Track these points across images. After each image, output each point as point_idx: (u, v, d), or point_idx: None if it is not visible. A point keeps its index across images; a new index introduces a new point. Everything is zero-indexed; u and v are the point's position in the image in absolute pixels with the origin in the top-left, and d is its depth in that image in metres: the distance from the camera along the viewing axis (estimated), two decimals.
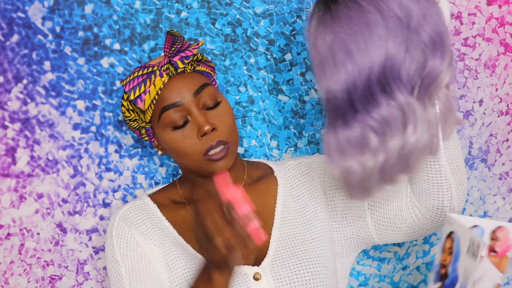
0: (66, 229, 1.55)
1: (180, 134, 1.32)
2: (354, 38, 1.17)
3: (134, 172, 1.57)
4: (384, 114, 1.17)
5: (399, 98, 1.17)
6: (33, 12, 1.50)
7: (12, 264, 1.54)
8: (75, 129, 1.54)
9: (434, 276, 1.15)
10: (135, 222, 1.35)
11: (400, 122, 1.18)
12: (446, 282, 1.14)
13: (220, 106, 1.34)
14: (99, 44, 1.53)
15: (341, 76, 1.18)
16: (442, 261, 1.15)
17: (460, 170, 1.32)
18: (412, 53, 1.17)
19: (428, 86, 1.19)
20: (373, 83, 1.17)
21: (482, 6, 1.61)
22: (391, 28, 1.17)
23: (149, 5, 1.53)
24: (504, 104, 1.65)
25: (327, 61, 1.19)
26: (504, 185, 1.68)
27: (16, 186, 1.52)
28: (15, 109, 1.51)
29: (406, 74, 1.18)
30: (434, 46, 1.19)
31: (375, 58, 1.16)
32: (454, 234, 1.14)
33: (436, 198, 1.31)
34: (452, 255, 1.14)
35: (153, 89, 1.31)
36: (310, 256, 1.32)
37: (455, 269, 1.13)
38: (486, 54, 1.62)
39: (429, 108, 1.20)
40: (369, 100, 1.18)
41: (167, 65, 1.33)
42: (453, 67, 1.21)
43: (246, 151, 1.59)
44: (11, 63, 1.50)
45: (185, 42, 1.37)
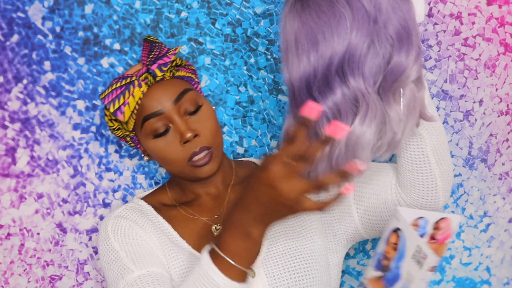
0: (66, 229, 1.55)
1: (163, 142, 1.32)
2: (321, 28, 1.18)
3: (134, 172, 1.57)
4: (337, 101, 1.18)
5: (353, 86, 1.17)
6: (33, 12, 1.50)
7: (12, 264, 1.54)
8: (75, 129, 1.54)
9: (375, 264, 1.16)
10: (131, 218, 1.34)
11: (351, 111, 1.18)
12: (388, 275, 1.15)
13: (201, 111, 1.34)
14: (99, 44, 1.53)
15: (302, 64, 1.19)
16: (385, 253, 1.16)
17: (445, 161, 1.32)
18: (376, 48, 1.17)
19: (393, 82, 1.19)
20: (332, 73, 1.18)
21: (482, 6, 1.61)
22: (358, 20, 1.17)
23: (149, 5, 1.53)
24: (504, 104, 1.65)
25: (291, 48, 1.20)
26: (504, 185, 1.68)
27: (16, 186, 1.52)
28: (15, 109, 1.51)
29: (368, 68, 1.18)
30: (401, 42, 1.18)
31: (337, 49, 1.17)
32: (401, 232, 1.15)
33: (421, 189, 1.32)
34: (396, 251, 1.15)
35: (132, 100, 1.31)
36: (302, 253, 1.33)
37: (398, 267, 1.14)
38: (486, 54, 1.62)
39: (393, 104, 1.20)
40: (326, 88, 1.18)
41: (145, 74, 1.32)
42: (419, 63, 1.20)
43: (246, 151, 1.59)
44: (11, 63, 1.50)
45: (164, 48, 1.36)
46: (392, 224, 1.16)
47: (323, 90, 1.19)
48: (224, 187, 1.40)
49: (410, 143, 1.30)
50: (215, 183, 1.39)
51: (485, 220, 1.69)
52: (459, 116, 1.64)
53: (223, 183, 1.40)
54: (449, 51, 1.61)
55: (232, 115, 1.58)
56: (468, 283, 1.71)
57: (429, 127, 1.29)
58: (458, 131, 1.64)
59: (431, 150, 1.30)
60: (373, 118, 1.18)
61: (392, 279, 1.15)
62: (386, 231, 1.17)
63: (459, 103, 1.63)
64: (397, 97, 1.20)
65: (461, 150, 1.65)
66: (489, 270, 1.71)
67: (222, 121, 1.58)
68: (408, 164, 1.31)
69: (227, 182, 1.40)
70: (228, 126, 1.58)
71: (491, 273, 1.71)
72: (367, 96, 1.17)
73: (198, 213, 1.38)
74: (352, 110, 1.19)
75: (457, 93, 1.63)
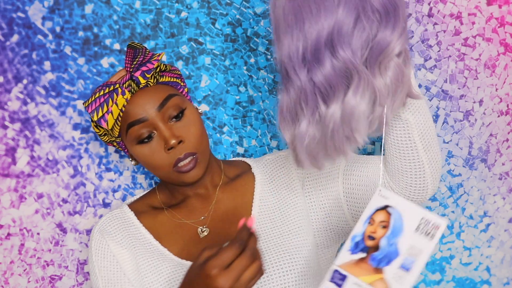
0: (66, 229, 1.55)
1: (148, 148, 1.33)
2: (307, 3, 1.18)
3: (134, 172, 1.57)
4: (327, 74, 1.18)
5: (344, 58, 1.17)
6: (33, 12, 1.50)
7: (12, 264, 1.54)
8: (75, 129, 1.54)
9: (351, 247, 1.16)
10: (111, 232, 1.38)
11: (342, 84, 1.18)
12: (376, 254, 1.14)
13: (185, 116, 1.34)
14: (99, 44, 1.53)
15: (291, 40, 1.19)
16: (370, 232, 1.16)
17: (432, 147, 1.32)
18: (363, 22, 1.18)
19: (378, 55, 1.19)
20: (321, 48, 1.18)
21: (482, 6, 1.61)
22: None
23: (149, 5, 1.53)
24: (504, 104, 1.65)
25: (280, 25, 1.21)
26: (504, 185, 1.68)
27: (16, 186, 1.52)
28: (15, 109, 1.51)
29: (355, 42, 1.18)
30: (387, 15, 1.19)
31: (324, 24, 1.17)
32: (392, 208, 1.14)
33: (409, 176, 1.31)
34: (386, 228, 1.14)
35: (116, 109, 1.31)
36: (288, 248, 1.33)
37: (392, 244, 1.13)
38: (486, 54, 1.62)
39: (378, 77, 1.20)
40: (316, 63, 1.18)
41: (129, 82, 1.32)
42: (405, 37, 1.20)
43: (246, 151, 1.59)
44: (11, 63, 1.50)
45: (148, 54, 1.36)
46: (374, 203, 1.15)
47: (313, 65, 1.19)
48: (212, 188, 1.41)
49: (396, 128, 1.29)
50: (203, 184, 1.40)
51: (485, 220, 1.69)
52: (459, 116, 1.64)
53: (211, 184, 1.41)
54: (449, 51, 1.61)
55: (232, 115, 1.58)
56: (468, 283, 1.71)
57: (415, 112, 1.29)
58: (458, 131, 1.64)
59: (418, 136, 1.30)
60: (366, 89, 1.18)
61: (385, 257, 1.14)
62: (365, 212, 1.16)
63: (459, 103, 1.63)
64: (382, 70, 1.20)
65: (461, 150, 1.65)
66: (489, 270, 1.71)
67: (222, 121, 1.58)
68: (395, 151, 1.31)
69: (216, 183, 1.41)
70: (228, 126, 1.58)
71: (491, 273, 1.71)
72: (358, 67, 1.17)
73: (186, 215, 1.40)
74: (344, 83, 1.19)
75: (457, 93, 1.63)
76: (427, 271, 1.69)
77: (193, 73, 1.57)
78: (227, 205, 1.40)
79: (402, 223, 1.14)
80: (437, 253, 1.68)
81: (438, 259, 1.69)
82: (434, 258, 1.69)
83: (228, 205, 1.40)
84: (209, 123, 1.58)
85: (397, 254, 1.13)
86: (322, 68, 1.18)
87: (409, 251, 1.13)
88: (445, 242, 1.68)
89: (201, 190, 1.41)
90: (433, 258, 1.68)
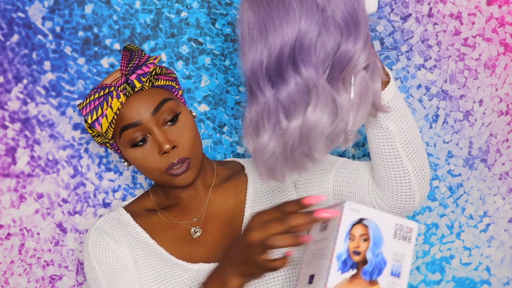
0: (66, 229, 1.55)
1: (141, 151, 1.33)
2: (271, 17, 1.18)
3: (134, 172, 1.57)
4: (290, 91, 1.18)
5: (304, 75, 1.17)
6: (33, 12, 1.50)
7: (12, 264, 1.54)
8: (75, 129, 1.54)
9: (339, 266, 1.16)
10: (108, 231, 1.38)
11: (303, 101, 1.18)
12: (366, 268, 1.15)
13: (180, 120, 1.34)
14: (99, 44, 1.53)
15: (254, 54, 1.19)
16: (354, 248, 1.16)
17: (417, 155, 1.31)
18: (324, 36, 1.17)
19: (341, 70, 1.19)
20: (284, 62, 1.18)
21: (482, 6, 1.61)
22: (307, 10, 1.17)
23: (149, 5, 1.53)
24: (504, 104, 1.65)
25: (245, 38, 1.21)
26: (504, 185, 1.68)
27: (16, 186, 1.52)
28: (15, 109, 1.51)
29: (317, 56, 1.18)
30: (348, 30, 1.18)
31: (286, 38, 1.17)
32: (367, 220, 1.15)
33: (394, 184, 1.31)
34: (368, 241, 1.15)
35: (110, 112, 1.31)
36: (280, 249, 1.33)
37: (378, 254, 1.15)
38: (486, 54, 1.62)
39: (342, 92, 1.20)
40: (279, 79, 1.18)
41: (124, 85, 1.32)
42: (368, 50, 1.20)
43: (246, 151, 1.59)
44: (11, 63, 1.50)
45: (144, 56, 1.36)
46: (347, 219, 1.15)
47: (276, 81, 1.19)
48: (204, 189, 1.41)
49: (377, 137, 1.29)
50: (195, 186, 1.40)
51: (485, 220, 1.69)
52: (459, 116, 1.64)
53: (203, 185, 1.41)
54: (449, 51, 1.61)
55: (232, 115, 1.58)
56: (468, 283, 1.71)
57: (397, 120, 1.28)
58: (458, 131, 1.64)
59: (401, 144, 1.29)
60: (324, 107, 1.18)
61: (375, 268, 1.15)
62: (341, 229, 1.16)
63: (459, 103, 1.63)
64: (347, 85, 1.20)
65: (461, 150, 1.65)
66: (489, 270, 1.71)
67: (222, 121, 1.58)
68: (379, 160, 1.30)
69: (208, 184, 1.42)
70: (228, 126, 1.58)
71: (491, 273, 1.71)
72: (317, 85, 1.17)
73: (179, 216, 1.40)
74: (305, 100, 1.19)
75: (457, 93, 1.63)
76: (427, 271, 1.69)
77: (193, 73, 1.57)
78: (219, 206, 1.40)
79: (381, 233, 1.15)
80: (437, 253, 1.68)
81: (438, 259, 1.69)
82: (434, 258, 1.69)
83: (220, 206, 1.40)
84: (209, 123, 1.58)
85: (385, 263, 1.15)
86: (286, 85, 1.18)
87: (394, 257, 1.15)
88: (445, 242, 1.68)
89: (194, 192, 1.41)
90: (433, 258, 1.68)
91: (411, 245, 1.15)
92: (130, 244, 1.37)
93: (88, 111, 1.32)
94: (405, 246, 1.15)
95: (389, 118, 1.27)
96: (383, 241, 1.16)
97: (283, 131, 1.20)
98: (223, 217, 1.39)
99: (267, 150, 1.21)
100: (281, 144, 1.21)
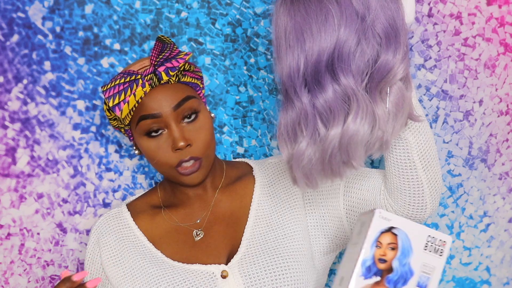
0: (66, 229, 1.55)
1: (155, 143, 1.33)
2: (308, 24, 1.18)
3: (134, 172, 1.57)
4: (328, 99, 1.18)
5: (343, 83, 1.18)
6: (33, 12, 1.50)
7: (12, 264, 1.54)
8: (75, 129, 1.54)
9: (363, 271, 1.16)
10: (105, 237, 1.39)
11: (342, 110, 1.19)
12: (391, 276, 1.15)
13: (198, 120, 1.34)
14: (99, 44, 1.53)
15: (291, 60, 1.19)
16: (380, 256, 1.16)
17: (432, 167, 1.31)
18: (363, 46, 1.18)
19: (379, 80, 1.19)
20: (322, 70, 1.18)
21: (482, 6, 1.61)
22: (346, 18, 1.17)
23: (149, 5, 1.53)
24: (504, 104, 1.65)
25: (281, 44, 1.21)
26: (504, 185, 1.68)
27: (16, 186, 1.52)
28: (15, 109, 1.51)
29: (356, 65, 1.18)
30: (388, 40, 1.19)
31: (325, 45, 1.17)
32: (397, 229, 1.15)
33: (407, 195, 1.31)
34: (396, 250, 1.15)
35: (133, 99, 1.31)
36: (282, 252, 1.33)
37: (406, 264, 1.15)
38: (486, 54, 1.62)
39: (379, 102, 1.20)
40: (317, 86, 1.19)
41: (151, 75, 1.31)
42: (406, 62, 1.21)
43: (246, 151, 1.59)
44: (11, 63, 1.50)
45: (175, 50, 1.35)
46: (377, 226, 1.16)
47: (314, 88, 1.19)
48: (212, 190, 1.41)
49: (396, 147, 1.29)
50: (204, 186, 1.40)
51: (485, 220, 1.69)
52: (459, 116, 1.64)
53: (212, 185, 1.41)
54: (449, 51, 1.61)
55: (232, 115, 1.58)
56: (468, 283, 1.71)
57: (415, 132, 1.29)
58: (458, 131, 1.64)
59: (418, 155, 1.29)
60: (365, 116, 1.19)
61: (400, 277, 1.15)
62: (369, 236, 1.16)
63: (459, 103, 1.63)
64: (383, 95, 1.21)
65: (461, 150, 1.65)
66: (489, 270, 1.71)
67: (222, 121, 1.58)
68: (394, 169, 1.31)
69: (216, 184, 1.41)
70: (228, 126, 1.58)
71: (491, 273, 1.71)
72: (357, 94, 1.18)
73: (183, 217, 1.40)
74: (344, 108, 1.19)
75: (457, 93, 1.63)
76: None
77: None
78: (225, 207, 1.40)
79: (410, 243, 1.15)
80: None
81: None
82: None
83: (226, 207, 1.40)
84: None
85: (412, 273, 1.15)
86: (324, 92, 1.18)
87: (423, 268, 1.15)
88: None
89: (201, 191, 1.41)
90: None
91: (443, 259, 1.14)
92: (125, 249, 1.38)
93: (110, 94, 1.32)
94: (436, 259, 1.14)
95: (408, 130, 1.28)
96: (412, 251, 1.15)
97: (321, 138, 1.20)
98: (227, 219, 1.39)
99: (305, 157, 1.21)
100: (318, 151, 1.21)
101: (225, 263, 1.34)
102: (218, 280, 1.31)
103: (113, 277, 1.37)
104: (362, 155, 1.22)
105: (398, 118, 1.22)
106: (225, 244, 1.36)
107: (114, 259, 1.37)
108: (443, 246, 1.15)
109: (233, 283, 1.30)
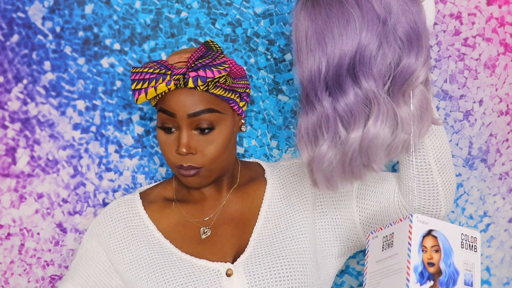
0: (66, 229, 1.55)
1: (165, 137, 1.35)
2: (329, 27, 1.19)
3: (134, 172, 1.57)
4: (349, 102, 1.19)
5: (365, 87, 1.18)
6: (33, 12, 1.50)
7: (12, 264, 1.54)
8: (75, 129, 1.54)
9: (418, 278, 1.16)
10: (115, 220, 1.40)
11: (363, 113, 1.19)
12: (442, 279, 1.15)
13: (211, 134, 1.33)
14: (99, 44, 1.53)
15: (312, 64, 1.19)
16: (428, 260, 1.16)
17: (447, 170, 1.32)
18: (385, 49, 1.18)
19: (402, 83, 1.20)
20: (343, 73, 1.18)
21: (482, 6, 1.61)
22: (368, 22, 1.18)
23: (149, 5, 1.53)
24: (504, 104, 1.65)
25: (302, 47, 1.21)
26: (504, 185, 1.68)
27: (16, 186, 1.52)
28: (15, 109, 1.51)
29: (377, 69, 1.19)
30: (410, 44, 1.19)
31: (346, 49, 1.18)
32: (436, 232, 1.16)
33: (423, 197, 1.31)
34: (440, 252, 1.15)
35: (152, 92, 1.31)
36: (288, 254, 1.33)
37: (451, 264, 1.15)
38: (486, 54, 1.62)
39: (403, 105, 1.21)
40: (338, 90, 1.19)
41: (180, 76, 1.30)
42: (428, 65, 1.21)
43: (246, 151, 1.59)
44: (11, 63, 1.50)
45: (220, 58, 1.31)
46: (418, 231, 1.16)
47: (335, 91, 1.19)
48: (226, 190, 1.42)
49: None
50: (220, 185, 1.41)
51: (485, 220, 1.69)
52: (459, 116, 1.64)
53: (227, 187, 1.42)
54: (449, 51, 1.61)
55: None
56: None
57: (432, 135, 1.29)
58: (458, 131, 1.64)
59: (433, 158, 1.30)
60: (386, 119, 1.19)
61: (450, 278, 1.15)
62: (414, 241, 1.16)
63: (459, 103, 1.63)
64: (406, 98, 1.21)
65: (461, 150, 1.65)
66: (489, 270, 1.71)
67: None
68: (410, 172, 1.31)
69: (231, 186, 1.42)
70: None
71: (491, 273, 1.71)
72: (378, 97, 1.18)
73: (193, 213, 1.40)
74: (364, 112, 1.19)
75: (457, 93, 1.63)
76: None
77: None
78: (235, 208, 1.40)
79: (449, 243, 1.16)
80: None
81: None
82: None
83: (236, 208, 1.40)
84: None
85: (458, 273, 1.16)
86: (345, 96, 1.19)
87: (465, 266, 1.16)
88: None
89: (214, 191, 1.41)
90: None
91: (478, 254, 1.16)
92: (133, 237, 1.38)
93: (135, 78, 1.32)
94: (472, 255, 1.16)
95: None
96: (452, 251, 1.16)
97: (342, 141, 1.20)
98: (236, 220, 1.39)
99: (326, 160, 1.22)
100: (339, 154, 1.21)
101: (231, 262, 1.34)
102: (222, 277, 1.32)
103: (118, 263, 1.37)
104: (383, 158, 1.22)
105: (423, 120, 1.23)
106: (232, 244, 1.36)
107: (121, 246, 1.38)
108: (475, 242, 1.16)
109: (237, 281, 1.31)
